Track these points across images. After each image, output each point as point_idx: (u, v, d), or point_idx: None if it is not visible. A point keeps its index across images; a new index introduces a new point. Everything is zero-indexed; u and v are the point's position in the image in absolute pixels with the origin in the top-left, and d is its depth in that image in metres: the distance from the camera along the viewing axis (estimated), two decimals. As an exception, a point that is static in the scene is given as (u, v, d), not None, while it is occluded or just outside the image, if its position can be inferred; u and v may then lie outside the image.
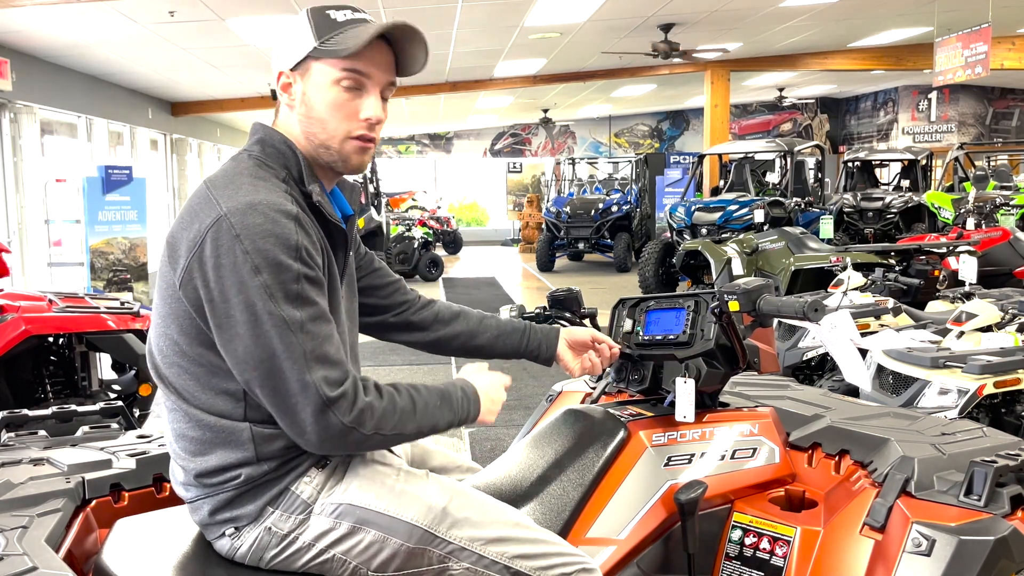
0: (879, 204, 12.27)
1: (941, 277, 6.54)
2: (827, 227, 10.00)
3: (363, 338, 1.78)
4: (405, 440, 1.57)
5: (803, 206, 11.92)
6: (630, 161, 19.18)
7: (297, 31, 1.58)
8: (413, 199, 20.50)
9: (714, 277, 8.67)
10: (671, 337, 2.00)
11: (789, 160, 12.35)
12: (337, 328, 1.57)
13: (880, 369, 3.75)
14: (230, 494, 1.53)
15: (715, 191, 13.62)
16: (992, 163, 14.72)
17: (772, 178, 14.52)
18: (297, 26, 1.58)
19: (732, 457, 1.99)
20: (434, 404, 1.60)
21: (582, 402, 2.26)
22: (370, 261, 1.92)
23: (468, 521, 1.59)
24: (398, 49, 1.61)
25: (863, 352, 3.85)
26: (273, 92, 1.65)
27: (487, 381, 1.74)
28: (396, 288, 1.96)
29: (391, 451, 1.74)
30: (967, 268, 5.18)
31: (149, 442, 2.05)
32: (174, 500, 1.87)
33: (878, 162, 14.76)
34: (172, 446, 1.60)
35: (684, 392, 1.94)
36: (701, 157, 13.64)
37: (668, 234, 12.26)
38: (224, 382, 1.51)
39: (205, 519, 1.57)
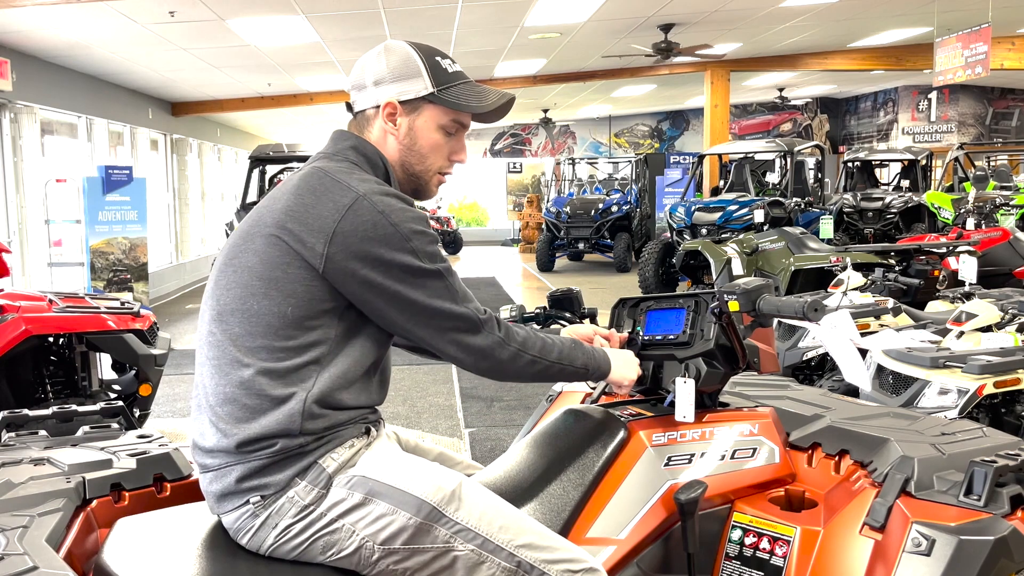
0: (879, 204, 12.28)
1: (941, 277, 6.54)
2: (827, 227, 10.00)
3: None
4: (547, 366, 1.77)
5: (803, 206, 11.92)
6: (630, 161, 19.19)
7: (409, 69, 1.76)
8: (413, 199, 20.47)
9: (714, 277, 8.67)
10: (671, 337, 2.00)
11: (789, 160, 12.36)
12: None
13: (880, 369, 3.75)
14: (262, 462, 1.60)
15: (715, 191, 13.63)
16: (992, 163, 14.72)
17: (772, 178, 14.53)
18: (408, 64, 1.76)
19: (732, 457, 1.99)
20: (569, 344, 1.83)
21: (582, 402, 2.26)
22: None
23: (476, 506, 1.63)
24: None
25: (863, 352, 3.85)
26: (348, 106, 1.83)
27: (619, 352, 1.95)
28: None
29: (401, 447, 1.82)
30: (967, 268, 5.18)
31: (149, 442, 2.05)
32: (174, 500, 1.87)
33: (878, 162, 14.77)
34: (214, 410, 1.64)
35: (684, 392, 1.94)
36: (701, 157, 13.64)
37: (668, 234, 12.27)
38: (313, 349, 1.63)
39: (230, 487, 1.61)
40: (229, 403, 1.62)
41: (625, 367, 1.92)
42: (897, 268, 6.73)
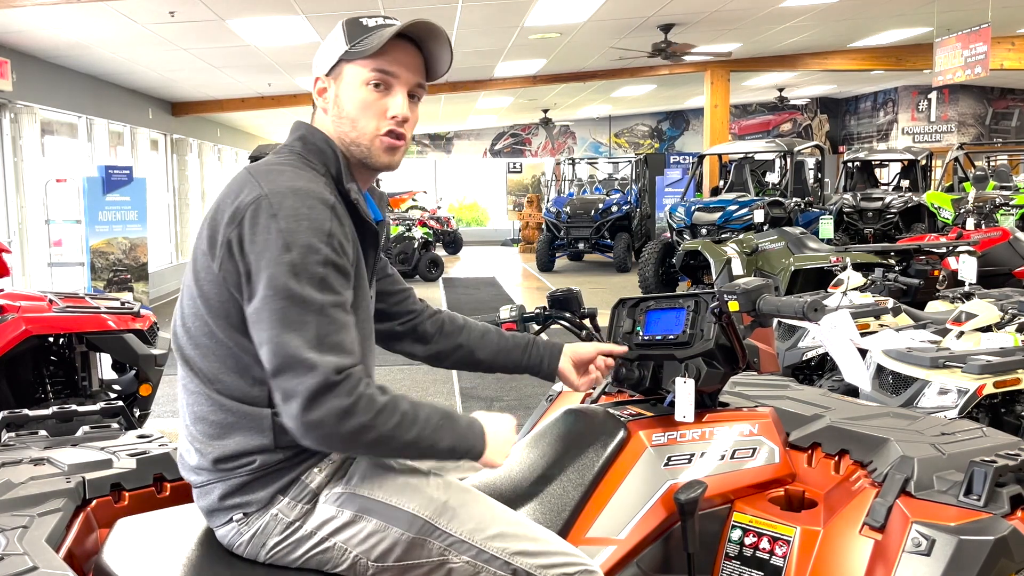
0: (879, 204, 12.27)
1: (941, 277, 6.54)
2: (827, 227, 10.00)
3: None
4: (399, 449, 1.52)
5: (803, 206, 11.93)
6: (630, 161, 19.18)
7: (332, 40, 1.67)
8: (413, 199, 20.50)
9: (714, 277, 8.67)
10: (671, 337, 2.00)
11: (789, 160, 12.36)
12: (361, 322, 1.61)
13: (880, 369, 3.75)
14: (243, 479, 1.56)
15: (715, 191, 13.63)
16: (992, 163, 14.71)
17: (772, 178, 14.53)
18: (333, 36, 1.67)
19: (732, 457, 1.99)
20: (436, 422, 1.56)
21: (582, 402, 2.26)
22: (384, 267, 1.92)
23: (470, 516, 1.59)
24: (426, 52, 1.67)
25: (863, 352, 3.85)
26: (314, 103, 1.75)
27: (495, 420, 1.69)
28: (406, 296, 1.97)
29: None
30: (967, 268, 5.18)
31: (149, 442, 2.06)
32: (174, 500, 1.87)
33: (878, 162, 14.76)
34: (189, 429, 1.62)
35: (684, 392, 1.94)
36: (701, 157, 13.64)
37: (668, 234, 12.27)
38: (252, 366, 1.54)
39: (214, 504, 1.59)
40: (200, 421, 1.59)
41: (499, 450, 1.65)
42: (897, 268, 6.72)
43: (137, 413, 4.60)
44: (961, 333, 3.83)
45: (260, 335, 1.48)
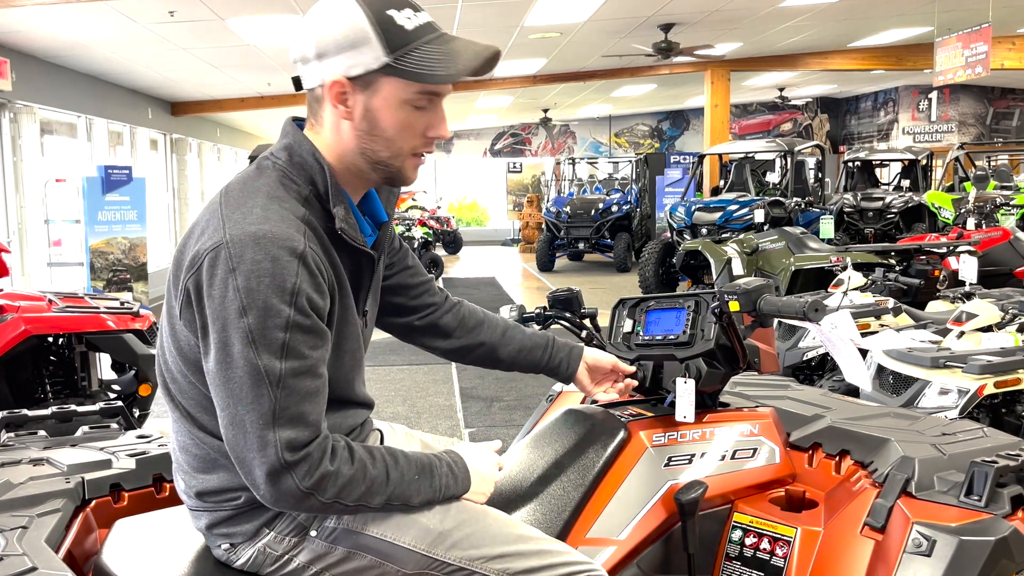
0: (879, 204, 12.28)
1: (941, 277, 6.54)
2: (827, 227, 10.00)
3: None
4: (370, 511, 1.48)
5: (803, 206, 11.92)
6: (630, 161, 19.19)
7: (355, 35, 1.40)
8: (413, 199, 20.50)
9: (714, 277, 8.66)
10: (671, 337, 1.99)
11: (789, 160, 12.36)
12: (348, 352, 1.54)
13: (880, 369, 3.74)
14: (228, 513, 1.51)
15: (715, 191, 13.63)
16: (992, 163, 14.71)
17: (772, 178, 14.53)
18: (353, 28, 1.40)
19: (732, 457, 1.99)
20: (411, 476, 1.49)
21: (582, 402, 2.26)
22: (403, 258, 1.84)
23: (468, 540, 1.53)
24: None
25: (863, 352, 3.85)
26: (297, 81, 1.50)
27: (480, 457, 1.63)
28: (425, 289, 1.89)
29: None
30: (967, 268, 5.17)
31: (149, 442, 2.05)
32: (174, 500, 1.87)
33: (878, 162, 14.77)
34: (176, 455, 1.58)
35: (684, 392, 1.94)
36: (701, 157, 13.65)
37: (668, 234, 12.27)
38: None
39: (202, 529, 1.57)
40: (184, 452, 1.54)
41: (480, 490, 1.61)
42: (897, 268, 6.72)
43: (137, 413, 4.60)
44: (962, 333, 3.82)
45: (215, 398, 1.39)
